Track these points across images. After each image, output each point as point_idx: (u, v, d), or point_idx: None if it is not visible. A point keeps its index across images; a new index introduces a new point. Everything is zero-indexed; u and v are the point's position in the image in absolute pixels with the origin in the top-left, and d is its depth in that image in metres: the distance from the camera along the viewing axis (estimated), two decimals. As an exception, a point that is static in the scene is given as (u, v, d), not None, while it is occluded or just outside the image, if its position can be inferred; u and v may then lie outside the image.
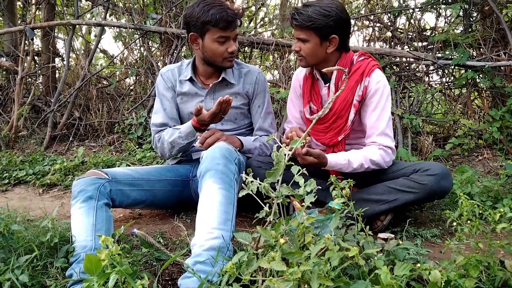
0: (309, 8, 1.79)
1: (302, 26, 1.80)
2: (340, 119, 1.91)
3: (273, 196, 1.14)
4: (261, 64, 4.05)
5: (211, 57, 1.93)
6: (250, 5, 4.23)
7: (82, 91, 3.96)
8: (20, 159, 3.16)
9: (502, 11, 3.06)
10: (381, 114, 1.86)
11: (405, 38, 3.42)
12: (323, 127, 1.96)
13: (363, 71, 1.87)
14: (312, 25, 1.78)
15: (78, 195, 1.62)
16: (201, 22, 1.84)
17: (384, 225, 1.81)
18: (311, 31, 1.80)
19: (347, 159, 1.79)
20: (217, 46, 1.89)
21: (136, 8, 3.85)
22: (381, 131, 1.85)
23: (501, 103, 3.12)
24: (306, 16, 1.78)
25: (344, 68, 1.83)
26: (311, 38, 1.81)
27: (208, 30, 1.86)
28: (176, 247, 1.68)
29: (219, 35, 1.86)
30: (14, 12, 4.58)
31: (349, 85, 1.87)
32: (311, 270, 0.93)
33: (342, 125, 1.91)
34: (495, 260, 1.21)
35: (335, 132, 1.93)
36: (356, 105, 1.88)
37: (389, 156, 1.86)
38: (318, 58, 1.87)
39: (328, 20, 1.78)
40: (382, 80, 1.87)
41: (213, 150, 1.62)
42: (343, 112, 1.90)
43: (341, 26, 1.82)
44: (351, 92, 1.87)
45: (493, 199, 2.15)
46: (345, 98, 1.88)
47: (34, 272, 1.39)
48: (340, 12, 1.80)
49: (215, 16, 1.81)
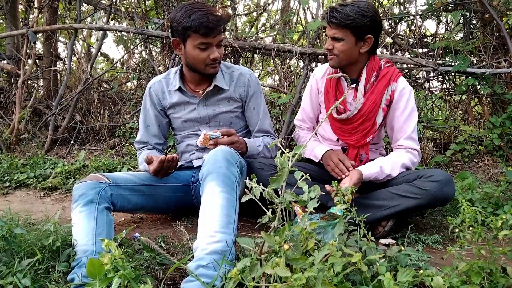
0: (347, 7, 1.81)
1: (340, 24, 1.81)
2: (368, 121, 1.96)
3: (277, 202, 1.14)
4: (263, 69, 4.06)
5: (193, 63, 1.89)
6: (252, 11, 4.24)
7: (84, 95, 3.96)
8: (21, 162, 3.15)
9: (502, 19, 3.08)
10: (408, 119, 1.93)
11: (406, 45, 3.44)
12: (350, 128, 1.99)
13: (390, 76, 1.93)
14: (351, 23, 1.80)
15: (79, 199, 1.62)
16: (182, 28, 1.79)
17: (386, 231, 1.81)
18: (348, 30, 1.82)
19: (378, 166, 1.83)
20: (198, 53, 1.84)
21: (138, 12, 3.86)
22: (408, 135, 1.92)
23: (502, 110, 3.13)
24: (345, 14, 1.80)
25: (373, 71, 1.93)
26: (347, 37, 1.83)
27: (189, 36, 1.81)
28: (178, 251, 1.68)
29: (200, 42, 1.80)
30: (16, 16, 4.60)
31: (378, 88, 1.93)
32: (316, 276, 0.94)
33: (369, 128, 1.96)
34: (497, 267, 1.21)
35: (362, 134, 1.98)
36: (384, 109, 1.94)
37: (416, 158, 1.93)
38: (350, 58, 1.90)
39: (366, 20, 1.81)
40: (407, 86, 1.95)
41: (215, 153, 1.62)
42: (371, 114, 1.94)
43: (376, 27, 1.87)
44: (380, 96, 1.92)
45: (494, 205, 2.15)
46: (374, 101, 1.93)
47: (36, 276, 1.38)
48: (375, 14, 1.85)
49: (195, 22, 1.75)
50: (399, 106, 1.93)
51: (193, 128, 2.07)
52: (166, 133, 2.17)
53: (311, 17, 3.92)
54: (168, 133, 2.30)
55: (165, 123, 2.12)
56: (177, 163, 1.82)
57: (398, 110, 1.93)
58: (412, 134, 1.93)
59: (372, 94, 1.93)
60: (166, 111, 2.09)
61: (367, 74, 1.93)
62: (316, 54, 3.30)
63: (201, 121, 2.04)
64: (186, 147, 2.10)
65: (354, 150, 2.01)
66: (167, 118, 2.12)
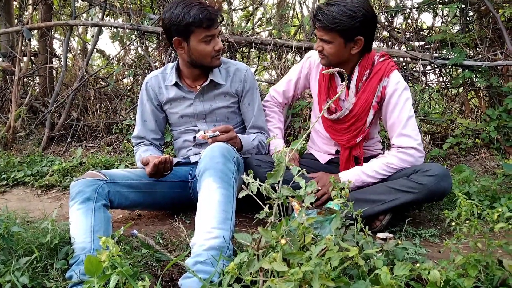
0: (333, 8, 1.69)
1: (325, 28, 1.71)
2: (359, 121, 1.90)
3: (274, 197, 1.14)
4: (259, 64, 4.05)
5: (199, 58, 1.88)
6: (248, 5, 4.23)
7: (80, 92, 3.95)
8: (18, 160, 3.15)
9: (498, 11, 3.07)
10: (399, 115, 1.82)
11: (402, 38, 3.43)
12: (341, 128, 1.95)
13: (383, 72, 1.83)
14: (337, 27, 1.69)
15: (76, 196, 1.62)
16: (184, 25, 1.78)
17: (383, 225, 1.81)
18: (335, 33, 1.71)
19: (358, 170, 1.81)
20: (204, 47, 1.85)
21: (134, 8, 3.84)
22: (399, 132, 1.82)
23: (498, 102, 3.13)
24: (330, 17, 1.68)
25: (365, 69, 1.83)
26: (335, 39, 1.73)
27: (193, 32, 1.81)
28: (176, 247, 1.69)
29: (205, 35, 1.82)
30: (10, 13, 4.56)
31: (370, 86, 1.85)
32: (313, 270, 0.94)
33: (360, 127, 1.91)
34: (494, 260, 1.22)
35: (353, 135, 1.92)
36: (375, 106, 1.86)
37: (411, 157, 1.82)
38: (340, 59, 1.81)
39: (354, 22, 1.68)
40: (401, 81, 1.84)
41: (212, 149, 1.62)
42: (363, 114, 1.88)
43: (367, 26, 1.74)
44: (372, 93, 1.85)
45: (490, 198, 2.16)
46: (366, 100, 1.86)
47: (34, 274, 1.39)
48: (366, 12, 1.71)
49: (197, 16, 1.76)
50: (391, 101, 1.84)
51: (189, 123, 2.07)
52: (163, 129, 2.16)
53: (307, 11, 3.91)
54: (165, 129, 2.29)
55: (162, 118, 2.12)
56: (171, 164, 1.81)
57: (390, 106, 1.84)
58: (404, 130, 1.82)
59: (364, 92, 1.86)
60: (162, 106, 2.09)
61: (359, 72, 1.86)
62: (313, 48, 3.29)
63: (197, 116, 2.04)
64: (183, 143, 2.10)
65: (345, 151, 1.96)
66: (163, 113, 2.11)
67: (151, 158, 1.79)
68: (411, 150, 1.83)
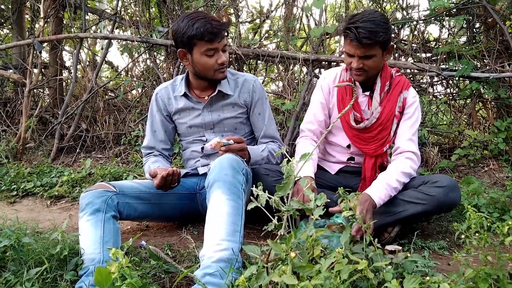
0: (368, 24, 1.75)
1: (372, 44, 1.77)
2: (385, 130, 1.97)
3: (284, 210, 1.15)
4: (266, 76, 4.08)
5: (202, 71, 1.91)
6: (255, 18, 4.27)
7: (89, 103, 3.99)
8: (27, 171, 3.18)
9: (505, 23, 3.08)
10: (413, 125, 1.95)
11: (409, 50, 3.44)
12: (368, 136, 1.99)
13: (403, 84, 1.96)
14: (382, 39, 1.78)
15: (86, 208, 1.63)
16: (187, 37, 1.82)
17: (392, 237, 1.81)
18: (377, 46, 1.80)
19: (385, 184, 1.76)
20: (206, 60, 1.87)
21: (143, 21, 3.90)
22: (409, 137, 1.93)
23: (506, 114, 3.12)
24: (374, 32, 1.75)
25: (386, 80, 1.95)
26: (377, 51, 1.82)
27: (195, 45, 1.84)
28: (184, 259, 1.69)
29: (207, 48, 1.84)
30: (22, 26, 4.65)
31: (393, 96, 1.95)
32: (322, 283, 0.94)
33: (386, 136, 1.97)
34: (504, 273, 1.21)
35: (380, 144, 1.98)
36: (397, 115, 1.96)
37: (415, 163, 1.91)
38: (378, 70, 1.92)
39: (389, 32, 1.82)
40: (416, 95, 2.00)
41: (220, 161, 1.63)
42: (388, 123, 1.96)
43: (391, 33, 1.91)
44: (395, 103, 1.95)
45: (500, 210, 2.14)
46: (391, 109, 1.95)
47: (44, 285, 1.40)
48: (388, 20, 1.85)
49: (200, 30, 1.79)
50: (407, 112, 1.96)
51: (197, 134, 2.08)
52: (172, 139, 2.18)
53: (314, 23, 3.94)
54: (174, 140, 2.31)
55: (171, 129, 2.14)
56: (179, 176, 1.82)
57: (405, 116, 1.96)
58: (412, 137, 1.93)
59: (389, 102, 1.95)
60: (171, 117, 2.11)
61: (381, 83, 1.94)
62: (320, 61, 3.32)
63: (205, 126, 2.05)
64: (191, 154, 2.12)
65: (371, 159, 1.99)
66: (173, 124, 2.14)
67: (159, 170, 1.80)
68: (415, 157, 1.91)
